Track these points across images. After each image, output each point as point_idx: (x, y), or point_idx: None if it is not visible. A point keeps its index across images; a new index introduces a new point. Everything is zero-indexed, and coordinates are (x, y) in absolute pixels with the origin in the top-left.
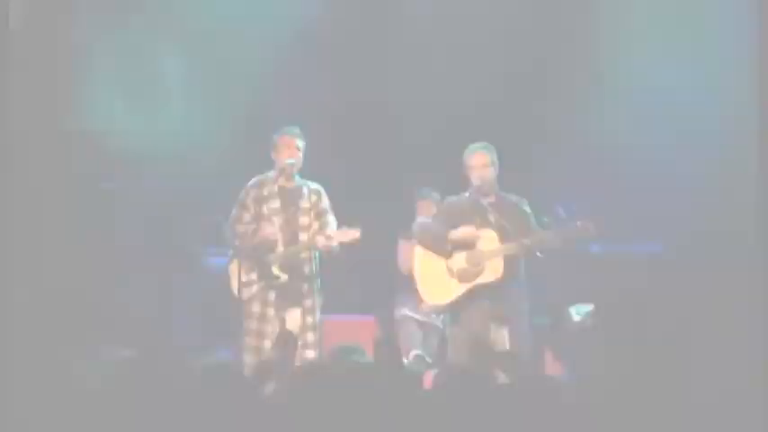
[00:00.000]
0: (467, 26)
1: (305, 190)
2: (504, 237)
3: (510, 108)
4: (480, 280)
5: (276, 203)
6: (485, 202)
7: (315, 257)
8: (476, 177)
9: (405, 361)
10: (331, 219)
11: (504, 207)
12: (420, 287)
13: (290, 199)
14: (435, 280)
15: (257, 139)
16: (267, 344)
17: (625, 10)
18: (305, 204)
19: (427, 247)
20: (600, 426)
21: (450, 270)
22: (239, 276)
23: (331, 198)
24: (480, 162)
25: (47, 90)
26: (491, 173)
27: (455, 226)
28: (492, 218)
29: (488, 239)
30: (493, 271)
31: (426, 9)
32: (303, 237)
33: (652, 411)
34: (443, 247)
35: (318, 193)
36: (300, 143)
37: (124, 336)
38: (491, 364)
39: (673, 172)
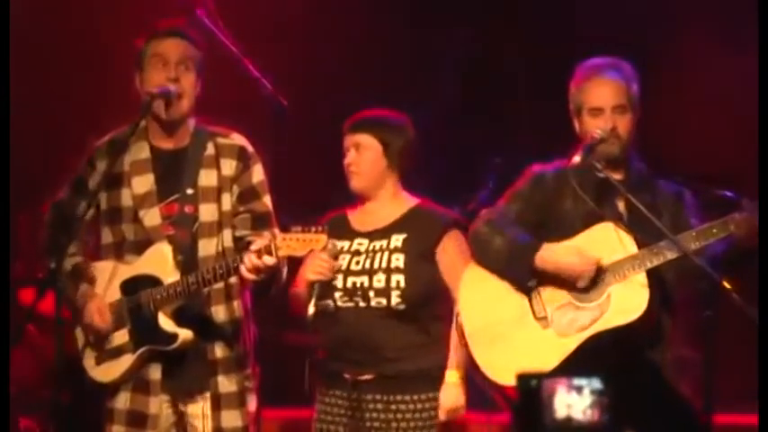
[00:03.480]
0: None
1: None
2: (644, 239)
3: None
4: (602, 325)
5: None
6: (613, 177)
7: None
8: (598, 126)
9: None
10: None
11: (643, 189)
12: (475, 350)
13: None
14: (507, 335)
15: None
16: None
17: None
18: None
19: (495, 269)
20: None
21: (537, 312)
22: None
23: None
24: (611, 95)
25: None
26: (630, 122)
27: (552, 226)
28: (623, 207)
29: (616, 245)
30: (625, 305)
31: None
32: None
33: None
34: (525, 275)
35: None
36: None
37: None
38: None
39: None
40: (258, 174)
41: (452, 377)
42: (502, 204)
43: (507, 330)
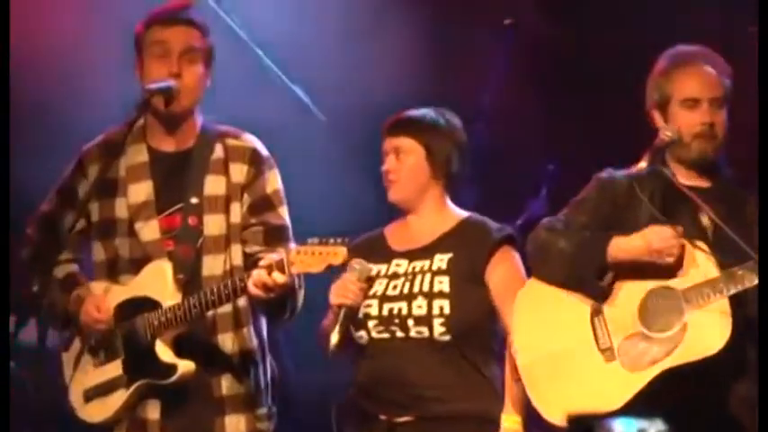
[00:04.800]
0: None
1: None
2: (726, 258)
3: None
4: (678, 359)
5: None
6: (694, 184)
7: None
8: (686, 122)
9: None
10: None
11: (732, 200)
12: (529, 384)
13: None
14: (565, 368)
15: None
16: None
17: None
18: None
19: (559, 273)
20: None
21: (601, 343)
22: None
23: None
24: (710, 85)
25: None
26: (726, 119)
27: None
28: (707, 220)
29: (691, 267)
30: (704, 337)
31: None
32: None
33: None
34: (596, 271)
35: None
36: None
37: None
38: None
39: None
40: (273, 181)
41: (510, 422)
42: (565, 213)
43: (566, 362)
